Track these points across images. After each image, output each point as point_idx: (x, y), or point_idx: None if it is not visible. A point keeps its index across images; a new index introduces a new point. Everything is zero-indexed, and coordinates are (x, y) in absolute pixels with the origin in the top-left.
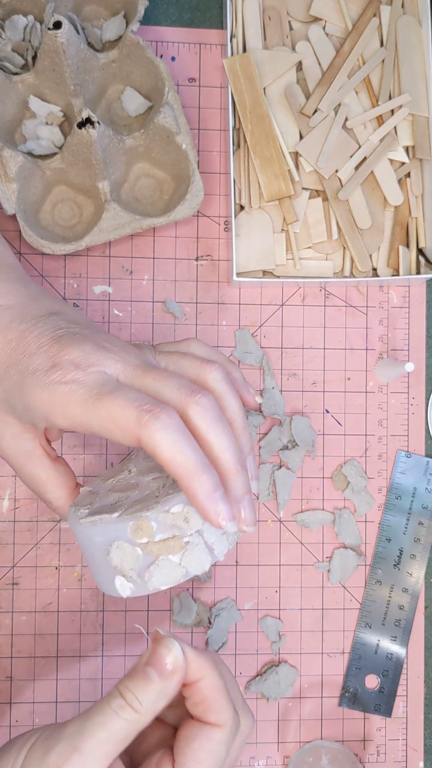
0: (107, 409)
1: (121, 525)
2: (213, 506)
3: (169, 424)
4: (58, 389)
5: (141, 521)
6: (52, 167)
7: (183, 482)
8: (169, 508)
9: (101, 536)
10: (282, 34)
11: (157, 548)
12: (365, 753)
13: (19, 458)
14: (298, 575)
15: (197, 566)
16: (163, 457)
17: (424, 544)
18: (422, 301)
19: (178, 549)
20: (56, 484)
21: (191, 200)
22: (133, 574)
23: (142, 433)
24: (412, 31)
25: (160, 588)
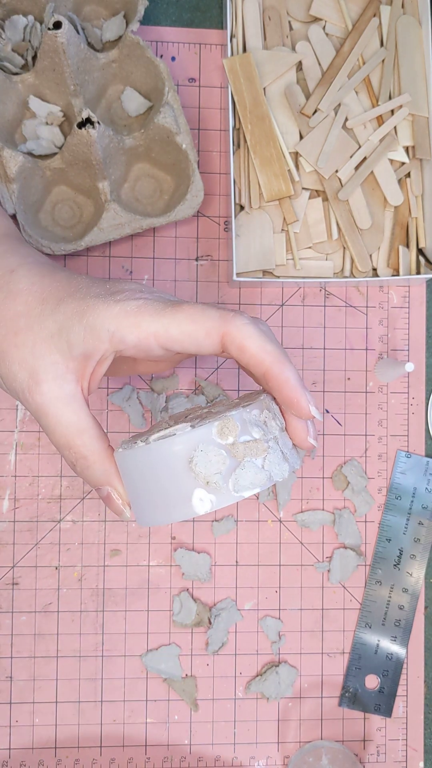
0: (186, 312)
1: (205, 428)
2: (303, 391)
3: (251, 319)
4: (129, 303)
5: (227, 420)
6: (52, 167)
7: (274, 369)
8: (251, 410)
9: (182, 444)
10: (282, 34)
11: (242, 449)
12: (365, 753)
13: (58, 403)
14: (298, 575)
15: (278, 472)
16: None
17: (424, 544)
18: (422, 301)
19: (261, 452)
20: (94, 435)
21: (191, 200)
22: (218, 479)
23: (230, 328)
24: (412, 31)
25: (244, 494)
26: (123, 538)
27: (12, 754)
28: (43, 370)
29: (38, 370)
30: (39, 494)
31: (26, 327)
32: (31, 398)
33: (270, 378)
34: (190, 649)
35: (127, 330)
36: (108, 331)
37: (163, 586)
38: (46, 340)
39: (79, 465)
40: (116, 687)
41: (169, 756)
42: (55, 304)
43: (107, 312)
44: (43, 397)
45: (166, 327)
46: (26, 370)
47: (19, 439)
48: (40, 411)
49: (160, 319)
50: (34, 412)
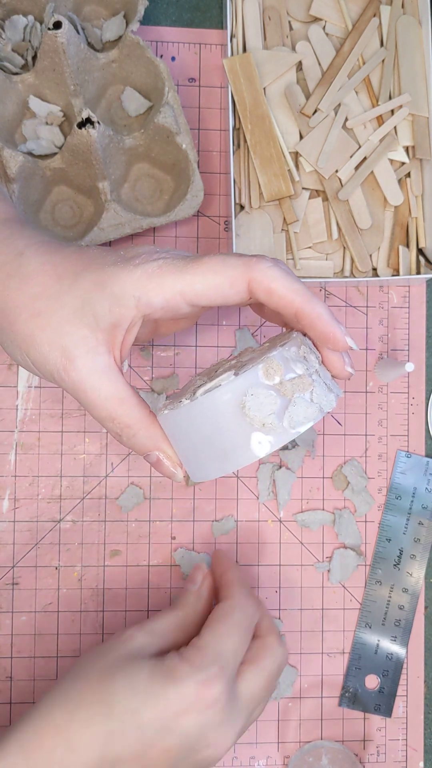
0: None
1: (251, 373)
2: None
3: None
4: (149, 266)
5: (270, 362)
6: (52, 167)
7: (305, 307)
8: (289, 348)
9: (230, 392)
10: (282, 34)
11: (290, 387)
12: (365, 753)
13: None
14: (298, 575)
15: (326, 402)
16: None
17: (424, 544)
18: (422, 301)
19: (307, 386)
20: (135, 402)
21: (191, 200)
22: (273, 419)
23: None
24: (412, 31)
25: (300, 430)
26: (123, 538)
27: None
28: (74, 346)
29: (69, 347)
30: (39, 494)
31: (47, 307)
32: (67, 376)
33: (302, 316)
34: None
35: (153, 293)
36: (133, 297)
37: (163, 586)
38: (70, 317)
39: (125, 434)
40: None
41: None
42: (73, 279)
43: (129, 278)
44: (79, 372)
45: (190, 283)
46: (57, 350)
47: (19, 439)
48: (78, 387)
49: (183, 276)
50: (72, 389)
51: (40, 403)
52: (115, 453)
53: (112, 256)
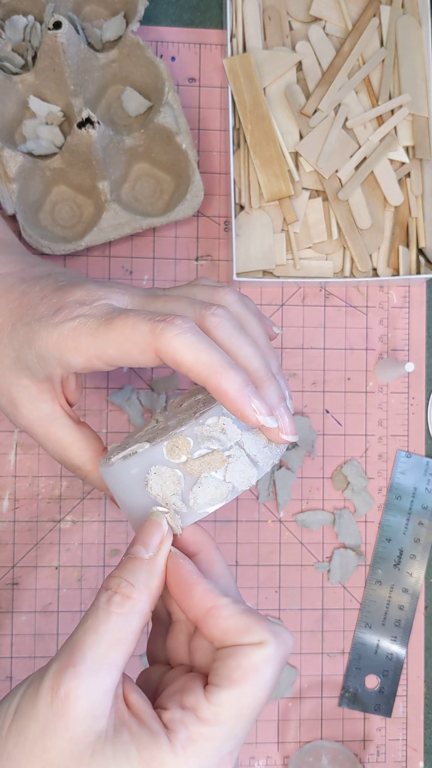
0: (119, 330)
1: (155, 449)
2: (246, 401)
3: (185, 328)
4: (66, 326)
5: (176, 438)
6: (52, 167)
7: (210, 382)
8: (204, 421)
9: (137, 467)
10: (282, 34)
11: (197, 466)
12: (365, 753)
13: (40, 424)
14: (298, 575)
15: (243, 480)
16: (185, 361)
17: (424, 544)
18: (422, 301)
19: (219, 464)
20: (82, 446)
21: (191, 200)
22: (176, 500)
23: (159, 343)
24: (412, 31)
25: (208, 510)
26: (123, 538)
27: None
28: (18, 395)
29: (13, 395)
30: (39, 494)
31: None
32: (15, 421)
33: (210, 391)
34: None
35: (69, 355)
36: (54, 357)
37: None
38: (11, 367)
39: (77, 474)
40: None
41: None
42: (9, 331)
43: (48, 339)
44: (25, 419)
45: (103, 348)
46: (5, 397)
47: (19, 439)
48: (28, 431)
49: (95, 340)
50: (25, 431)
51: None
52: None
53: (45, 305)
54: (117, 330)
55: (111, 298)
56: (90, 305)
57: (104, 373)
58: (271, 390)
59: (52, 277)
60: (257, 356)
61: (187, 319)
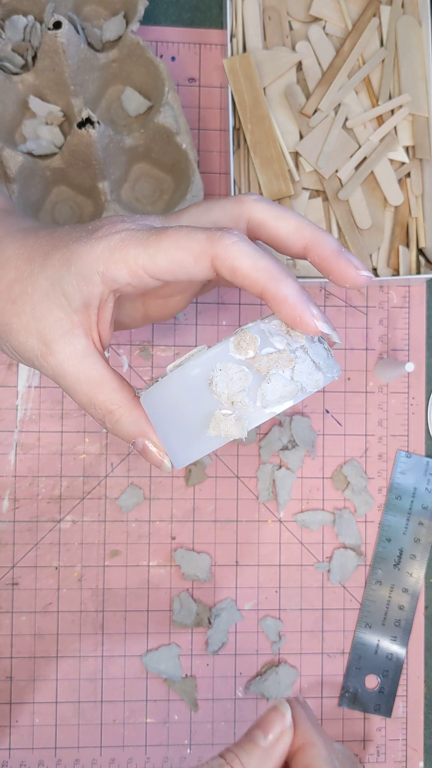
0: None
1: (221, 345)
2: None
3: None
4: (112, 239)
5: (243, 334)
6: (52, 167)
7: (269, 288)
8: (270, 321)
9: (199, 367)
10: (282, 34)
11: (265, 362)
12: (365, 753)
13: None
14: (298, 575)
15: (311, 382)
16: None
17: (424, 544)
18: (422, 301)
19: (287, 363)
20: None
21: (191, 200)
22: (243, 396)
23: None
24: (412, 31)
25: (276, 409)
26: (123, 538)
27: (12, 754)
28: (50, 330)
29: (44, 331)
30: (39, 494)
31: (21, 291)
32: (45, 363)
33: (268, 299)
34: (190, 649)
35: (116, 267)
36: (98, 273)
37: (163, 586)
38: (43, 300)
39: (108, 421)
40: (116, 687)
41: (169, 756)
42: (42, 260)
43: (91, 253)
44: (57, 357)
45: (152, 257)
46: (34, 336)
47: (19, 439)
48: (57, 373)
49: (145, 249)
50: (52, 375)
51: (40, 403)
52: (115, 453)
53: (79, 231)
54: (170, 238)
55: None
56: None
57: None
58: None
59: None
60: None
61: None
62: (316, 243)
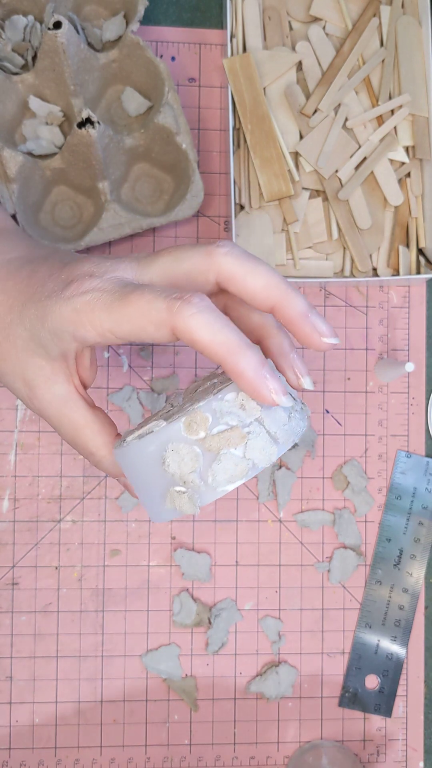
0: (135, 306)
1: (173, 425)
2: (262, 382)
3: (202, 307)
4: (79, 300)
5: (194, 414)
6: (52, 167)
7: (227, 362)
8: (222, 397)
9: (153, 444)
10: (282, 34)
11: (216, 442)
12: (365, 753)
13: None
14: (298, 575)
15: (263, 458)
16: (201, 340)
17: (424, 544)
18: (422, 301)
19: (239, 440)
20: (96, 429)
21: (191, 200)
22: (194, 477)
23: (177, 321)
24: (412, 31)
25: (227, 488)
26: (123, 538)
27: (12, 754)
28: (32, 376)
29: (28, 377)
30: (39, 494)
31: (4, 338)
32: (31, 404)
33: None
34: (190, 649)
35: (83, 329)
36: (67, 332)
37: (163, 586)
38: (24, 348)
39: (90, 460)
40: (116, 687)
41: (169, 756)
42: (20, 311)
43: (61, 315)
44: (41, 402)
45: (117, 323)
46: (20, 380)
47: (19, 439)
48: (42, 414)
49: (110, 314)
50: (40, 415)
51: None
52: None
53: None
54: (133, 306)
55: (119, 270)
56: (100, 278)
57: (104, 372)
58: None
59: (57, 255)
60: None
61: (203, 297)
62: (283, 304)
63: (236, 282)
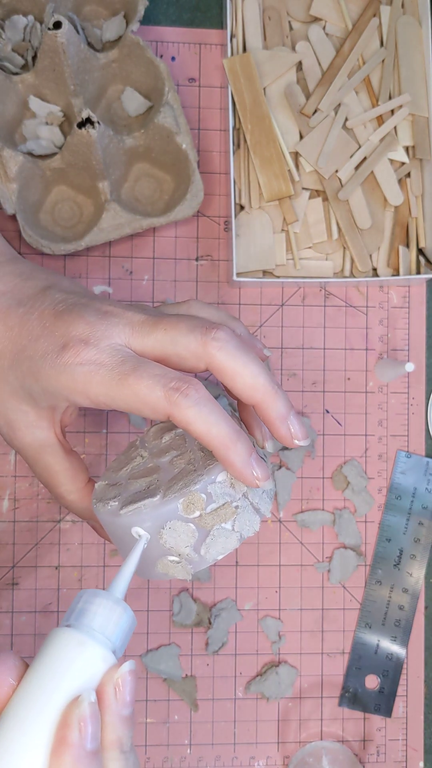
0: (132, 390)
1: (171, 505)
2: (249, 471)
3: (198, 399)
4: (76, 371)
5: (191, 496)
6: (52, 167)
7: (220, 453)
8: (215, 478)
9: (151, 521)
10: (282, 34)
11: (210, 519)
12: (365, 753)
13: (33, 448)
14: (298, 575)
15: (249, 528)
16: (196, 431)
17: (424, 544)
18: (422, 301)
19: (230, 515)
20: (69, 476)
21: (191, 200)
22: (189, 551)
23: (174, 412)
24: (412, 31)
25: (218, 558)
26: None
27: None
28: (15, 419)
29: (11, 419)
30: (39, 494)
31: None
32: (10, 442)
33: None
34: (190, 649)
35: (77, 397)
36: (62, 395)
37: (163, 586)
38: (11, 394)
39: (61, 502)
40: None
41: (169, 756)
42: (11, 361)
43: (57, 379)
44: (20, 443)
45: (113, 399)
46: (2, 419)
47: None
48: (20, 453)
49: (107, 391)
50: (17, 452)
51: None
52: (115, 453)
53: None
54: (130, 389)
55: (114, 335)
56: (96, 346)
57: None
58: (279, 402)
59: (48, 295)
60: (263, 372)
61: (199, 388)
62: (265, 405)
63: (225, 377)
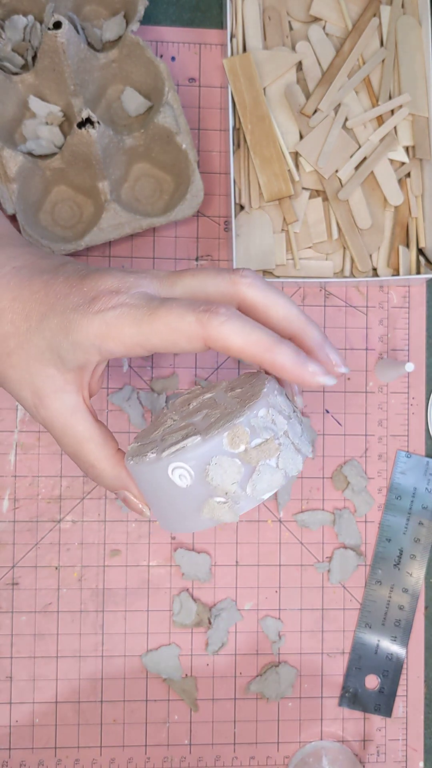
0: (164, 321)
1: (215, 440)
2: (304, 367)
3: (230, 315)
4: (108, 315)
5: (236, 429)
6: (52, 167)
7: (265, 359)
8: (256, 413)
9: (195, 459)
10: (282, 34)
11: (255, 454)
12: (365, 753)
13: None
14: (298, 575)
15: (293, 466)
16: (235, 344)
17: (424, 544)
18: (422, 301)
19: (273, 451)
20: (99, 443)
21: (191, 200)
22: (236, 488)
23: (209, 332)
24: (412, 31)
25: (264, 496)
26: (123, 538)
27: (12, 754)
28: (42, 385)
29: (38, 386)
30: (39, 494)
31: (17, 346)
32: (38, 414)
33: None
34: (190, 649)
35: (111, 343)
36: (94, 345)
37: (163, 586)
38: (38, 357)
39: (90, 473)
40: (116, 687)
41: (169, 756)
42: (39, 320)
43: (89, 328)
44: (48, 411)
45: (147, 337)
46: (28, 389)
47: (19, 439)
48: (47, 424)
49: (140, 329)
50: (43, 424)
51: None
52: None
53: (76, 295)
54: (162, 320)
55: (142, 285)
56: (126, 293)
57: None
58: (316, 331)
59: (69, 265)
60: (294, 305)
61: (228, 306)
62: (301, 335)
63: (258, 311)
